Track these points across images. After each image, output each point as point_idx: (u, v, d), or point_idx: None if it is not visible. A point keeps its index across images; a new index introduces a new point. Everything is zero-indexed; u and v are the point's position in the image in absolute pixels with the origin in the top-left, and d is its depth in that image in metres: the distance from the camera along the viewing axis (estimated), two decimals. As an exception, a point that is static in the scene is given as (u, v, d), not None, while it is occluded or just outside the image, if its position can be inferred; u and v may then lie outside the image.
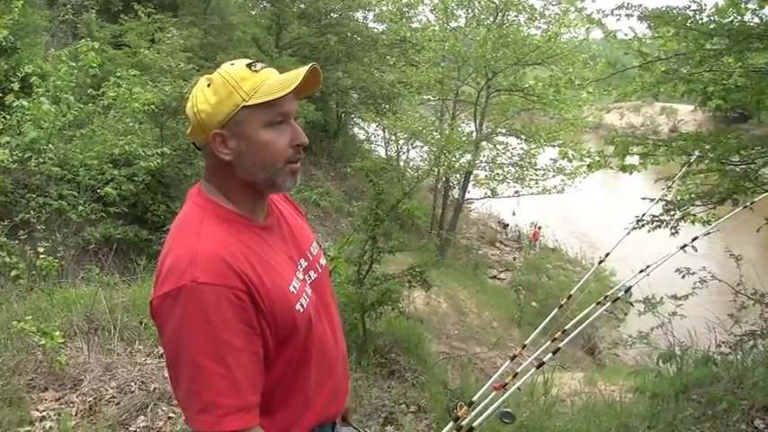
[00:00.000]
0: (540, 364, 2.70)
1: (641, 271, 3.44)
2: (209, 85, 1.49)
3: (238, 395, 1.38)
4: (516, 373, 2.63)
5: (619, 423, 4.52)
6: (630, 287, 3.53)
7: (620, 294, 3.46)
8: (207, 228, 1.47)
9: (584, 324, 2.98)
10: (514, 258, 21.40)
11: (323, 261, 1.79)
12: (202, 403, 1.37)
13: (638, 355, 6.25)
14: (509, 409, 2.41)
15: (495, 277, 19.63)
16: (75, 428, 3.66)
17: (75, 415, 3.79)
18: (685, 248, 3.90)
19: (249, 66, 1.50)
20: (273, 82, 1.48)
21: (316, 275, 1.72)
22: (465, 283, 16.53)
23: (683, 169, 5.53)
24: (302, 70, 1.49)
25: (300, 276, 1.62)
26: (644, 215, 4.84)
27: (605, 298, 3.28)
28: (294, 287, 1.55)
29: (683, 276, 5.40)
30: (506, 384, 2.50)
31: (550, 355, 2.74)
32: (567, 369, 9.75)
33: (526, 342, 3.04)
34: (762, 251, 17.05)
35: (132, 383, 4.15)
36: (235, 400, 1.38)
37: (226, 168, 1.52)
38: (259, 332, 1.44)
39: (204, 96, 1.48)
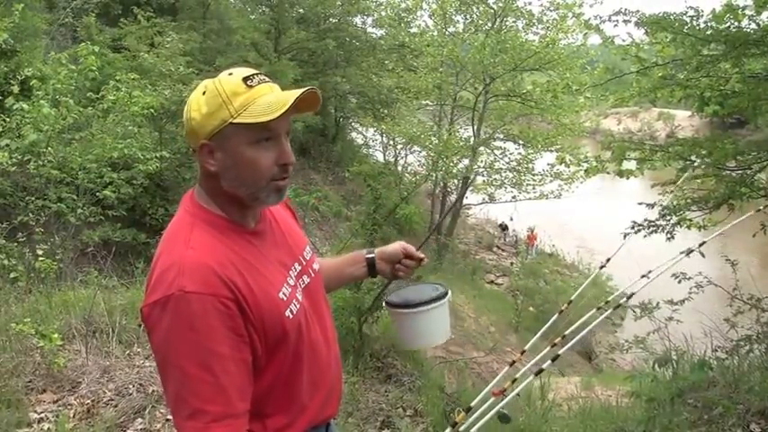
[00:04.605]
0: (539, 371, 2.71)
1: (643, 276, 3.44)
2: (204, 93, 1.49)
3: (226, 402, 1.39)
4: (515, 379, 2.64)
5: (615, 427, 4.54)
6: (633, 293, 3.53)
7: (621, 301, 3.46)
8: (196, 236, 1.48)
9: (584, 331, 2.99)
10: (512, 263, 21.39)
11: (316, 266, 1.80)
12: (190, 410, 1.38)
13: (635, 360, 6.26)
14: (506, 411, 2.43)
15: (492, 282, 19.62)
16: (73, 430, 3.67)
17: (73, 417, 3.80)
18: (690, 254, 3.89)
19: (246, 79, 1.49)
20: (264, 102, 1.46)
21: (309, 280, 1.72)
22: (462, 287, 16.51)
23: (684, 176, 5.54)
24: (293, 95, 1.47)
25: (291, 282, 1.62)
26: (638, 224, 4.84)
27: (606, 303, 3.29)
28: (284, 294, 1.56)
29: (680, 281, 5.42)
30: (505, 390, 2.51)
31: (549, 362, 2.75)
32: (565, 374, 9.76)
33: (525, 348, 3.05)
34: (758, 256, 17.09)
35: (130, 386, 4.16)
36: (222, 407, 1.39)
37: (212, 178, 1.53)
38: (247, 340, 1.45)
39: (198, 104, 1.48)
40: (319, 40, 20.40)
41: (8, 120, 7.73)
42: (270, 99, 1.47)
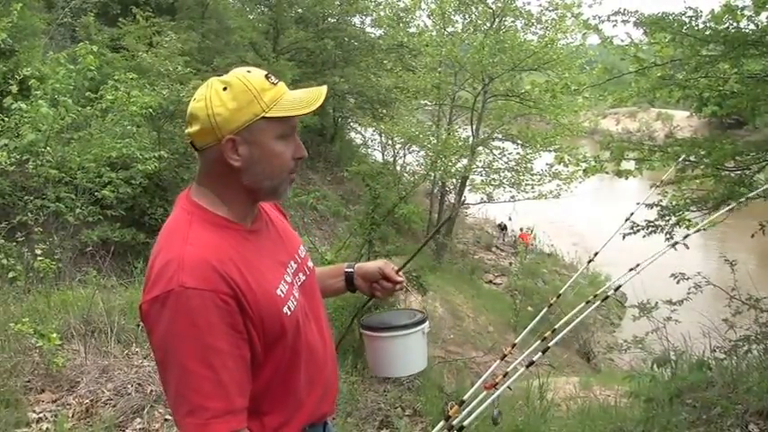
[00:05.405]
0: (530, 364, 2.71)
1: (631, 269, 3.45)
2: (225, 89, 1.50)
3: (225, 398, 1.40)
4: (506, 373, 2.65)
5: (614, 427, 4.54)
6: (620, 286, 3.54)
7: (609, 293, 3.46)
8: (195, 232, 1.49)
9: (573, 323, 2.99)
10: (510, 263, 21.39)
11: (310, 264, 1.82)
12: (189, 406, 1.38)
13: (634, 360, 6.27)
14: (496, 411, 2.44)
15: (491, 282, 19.62)
16: (71, 430, 3.67)
17: (72, 417, 3.80)
18: (676, 246, 3.91)
19: (267, 77, 1.53)
20: (292, 98, 1.54)
21: (305, 277, 1.74)
22: (461, 287, 16.53)
23: (670, 170, 5.56)
24: (322, 91, 1.57)
25: (289, 279, 1.63)
26: (632, 214, 4.84)
27: (595, 297, 3.29)
28: (281, 291, 1.57)
29: (678, 281, 5.42)
30: (497, 384, 2.52)
31: (540, 354, 2.76)
32: (563, 373, 9.76)
33: (516, 341, 3.05)
34: (756, 256, 17.11)
35: (129, 386, 4.16)
36: (222, 404, 1.39)
37: (231, 173, 1.53)
38: (246, 336, 1.45)
39: (221, 100, 1.49)
40: (318, 40, 20.38)
41: (7, 119, 7.74)
42: (296, 95, 1.56)
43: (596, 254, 4.01)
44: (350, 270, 2.06)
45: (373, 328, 2.02)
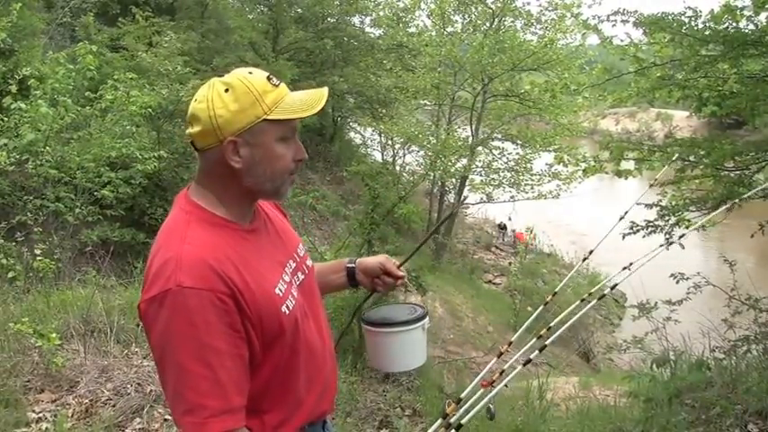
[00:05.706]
0: (527, 362, 2.72)
1: (625, 268, 3.45)
2: (227, 90, 1.50)
3: (223, 397, 1.40)
4: (503, 371, 2.66)
5: (613, 427, 4.54)
6: (616, 284, 3.54)
7: (605, 291, 3.46)
8: (192, 232, 1.49)
9: (569, 321, 2.99)
10: (510, 263, 21.37)
11: (309, 262, 1.82)
12: (187, 405, 1.39)
13: (633, 360, 6.27)
14: (491, 406, 2.45)
15: (490, 282, 19.60)
16: (71, 430, 3.67)
17: (72, 417, 3.80)
18: (670, 246, 3.92)
19: (268, 79, 1.54)
20: (294, 100, 1.54)
21: (303, 276, 1.74)
22: (460, 287, 16.51)
23: (664, 168, 5.56)
24: (324, 93, 1.58)
25: (287, 279, 1.64)
26: (626, 213, 4.84)
27: (590, 295, 3.29)
28: (280, 289, 1.58)
29: (678, 281, 5.43)
30: (494, 382, 2.53)
31: (537, 352, 2.76)
32: (563, 373, 9.75)
33: (512, 339, 3.06)
34: (756, 257, 17.10)
35: (128, 386, 4.16)
36: (219, 402, 1.40)
37: (231, 175, 1.54)
38: (244, 335, 1.46)
39: (223, 102, 1.49)
40: (317, 40, 20.35)
41: (6, 119, 7.73)
42: (297, 97, 1.56)
43: (591, 252, 4.02)
44: (351, 265, 2.06)
45: (374, 324, 2.03)
